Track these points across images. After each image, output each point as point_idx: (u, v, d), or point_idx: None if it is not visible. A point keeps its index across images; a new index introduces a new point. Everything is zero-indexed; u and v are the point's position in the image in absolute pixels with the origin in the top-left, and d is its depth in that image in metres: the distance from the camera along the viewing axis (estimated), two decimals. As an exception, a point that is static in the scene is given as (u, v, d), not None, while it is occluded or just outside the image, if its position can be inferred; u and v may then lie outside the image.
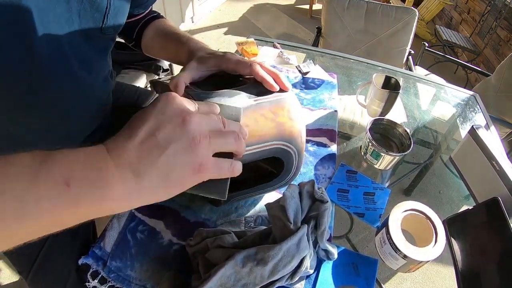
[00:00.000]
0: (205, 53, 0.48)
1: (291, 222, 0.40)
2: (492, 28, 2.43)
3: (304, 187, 0.43)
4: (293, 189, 0.42)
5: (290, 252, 0.38)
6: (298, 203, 0.42)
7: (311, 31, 3.04)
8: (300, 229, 0.40)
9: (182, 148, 0.25)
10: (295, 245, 0.39)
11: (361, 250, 0.52)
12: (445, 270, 0.51)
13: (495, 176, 0.56)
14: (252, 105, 0.41)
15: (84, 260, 0.46)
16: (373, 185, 0.60)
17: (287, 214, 0.40)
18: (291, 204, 0.41)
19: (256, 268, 0.37)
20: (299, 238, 0.39)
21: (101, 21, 0.47)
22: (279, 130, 0.41)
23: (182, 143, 0.25)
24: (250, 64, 0.44)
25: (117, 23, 0.50)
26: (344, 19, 1.53)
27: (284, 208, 0.40)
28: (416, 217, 0.50)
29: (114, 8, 0.48)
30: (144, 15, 0.63)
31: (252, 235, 0.43)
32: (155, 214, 0.52)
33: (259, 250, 0.38)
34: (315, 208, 0.43)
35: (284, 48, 1.00)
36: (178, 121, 0.26)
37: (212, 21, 3.07)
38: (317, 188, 0.43)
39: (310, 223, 0.43)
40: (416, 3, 3.39)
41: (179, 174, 0.26)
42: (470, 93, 0.95)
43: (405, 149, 0.61)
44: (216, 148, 0.28)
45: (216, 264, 0.39)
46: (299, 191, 0.43)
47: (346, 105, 0.84)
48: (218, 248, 0.40)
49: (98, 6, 0.44)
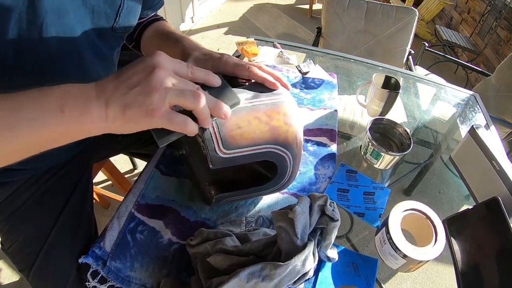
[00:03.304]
0: (201, 53, 0.48)
1: (298, 238, 0.39)
2: (492, 28, 2.42)
3: (316, 201, 0.42)
4: (304, 203, 0.41)
5: (295, 269, 0.38)
6: (307, 218, 0.41)
7: (311, 31, 3.04)
8: (307, 246, 0.39)
9: (142, 91, 0.30)
10: (301, 262, 0.38)
11: (361, 250, 0.52)
12: (445, 270, 0.51)
13: (495, 176, 0.56)
14: (247, 106, 0.41)
15: (84, 259, 0.46)
16: (373, 185, 0.60)
17: (295, 230, 0.39)
18: (300, 220, 0.39)
19: (261, 283, 0.36)
20: (306, 256, 0.39)
21: (113, 19, 0.47)
22: (272, 134, 0.41)
23: (143, 87, 0.30)
24: (248, 66, 0.44)
25: (128, 24, 0.51)
26: (344, 19, 1.53)
27: (293, 223, 0.39)
28: (416, 217, 0.50)
29: (127, 7, 0.48)
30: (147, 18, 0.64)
31: (256, 242, 0.41)
32: (155, 214, 0.52)
33: (265, 266, 0.37)
34: (323, 222, 0.42)
35: (284, 48, 1.00)
36: (149, 70, 0.31)
37: (212, 21, 3.07)
38: (329, 204, 0.42)
39: (316, 235, 0.42)
40: (416, 3, 3.39)
41: (133, 112, 0.30)
42: (470, 93, 0.95)
43: (405, 149, 0.61)
44: (172, 100, 0.31)
45: (218, 269, 0.39)
46: (310, 204, 0.42)
47: (346, 105, 0.84)
48: (219, 253, 0.40)
49: (112, 3, 0.45)
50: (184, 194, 0.55)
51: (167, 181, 0.57)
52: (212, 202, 0.46)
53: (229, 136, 0.38)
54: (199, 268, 0.41)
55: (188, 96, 0.31)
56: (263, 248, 0.41)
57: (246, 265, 0.38)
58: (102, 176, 1.40)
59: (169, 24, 0.64)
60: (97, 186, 1.41)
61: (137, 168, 1.52)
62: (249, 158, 0.40)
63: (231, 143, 0.38)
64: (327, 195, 0.43)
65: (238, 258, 0.39)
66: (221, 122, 0.38)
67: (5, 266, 1.14)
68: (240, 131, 0.39)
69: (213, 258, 0.39)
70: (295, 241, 0.39)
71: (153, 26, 0.63)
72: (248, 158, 0.40)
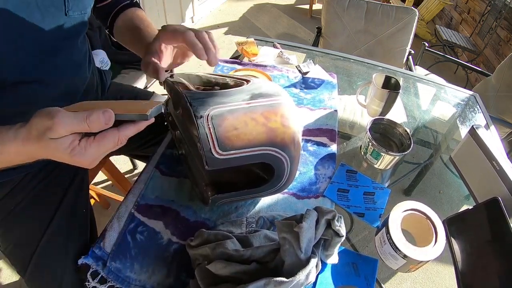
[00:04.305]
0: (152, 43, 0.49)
1: (302, 252, 0.38)
2: (492, 28, 2.42)
3: (324, 216, 0.41)
4: (311, 218, 0.40)
5: (299, 283, 0.38)
6: (313, 233, 0.40)
7: (311, 31, 3.04)
8: (310, 261, 0.39)
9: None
10: (305, 277, 0.38)
11: (361, 250, 0.52)
12: (445, 270, 0.51)
13: (495, 176, 0.56)
14: (244, 107, 0.40)
15: (84, 260, 0.45)
16: (373, 185, 0.60)
17: (300, 244, 0.38)
18: (306, 235, 0.39)
19: None
20: (309, 270, 0.39)
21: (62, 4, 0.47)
22: (269, 136, 0.40)
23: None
24: (184, 31, 0.45)
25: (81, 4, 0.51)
26: (344, 19, 1.53)
27: (298, 237, 0.38)
28: (416, 217, 0.50)
29: None
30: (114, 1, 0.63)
31: (258, 249, 0.41)
32: (155, 215, 0.52)
33: (268, 282, 0.36)
34: (328, 235, 0.42)
35: (284, 48, 1.00)
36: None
37: (212, 21, 3.07)
38: (336, 219, 0.42)
39: (320, 245, 0.42)
40: (416, 3, 3.39)
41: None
42: (470, 93, 0.95)
43: (405, 149, 0.61)
44: None
45: (219, 277, 0.38)
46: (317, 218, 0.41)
47: (346, 105, 0.84)
48: (220, 261, 0.39)
49: None
50: (184, 194, 0.55)
51: (167, 181, 0.57)
52: (208, 202, 0.46)
53: (225, 137, 0.38)
54: (199, 275, 0.40)
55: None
56: (265, 255, 0.41)
57: (248, 274, 0.38)
58: (102, 176, 1.39)
59: (138, 12, 0.64)
60: (97, 186, 1.41)
61: (137, 168, 1.52)
62: (245, 160, 0.40)
63: (227, 144, 0.38)
64: (335, 211, 0.42)
65: (239, 266, 0.39)
66: (218, 123, 0.38)
67: (5, 266, 1.14)
68: (236, 132, 0.39)
69: (213, 266, 0.39)
70: (299, 254, 0.38)
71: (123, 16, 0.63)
72: (244, 160, 0.40)
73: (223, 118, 0.39)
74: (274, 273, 0.40)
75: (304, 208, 0.55)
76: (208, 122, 0.38)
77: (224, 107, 0.40)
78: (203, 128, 0.38)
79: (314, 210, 0.41)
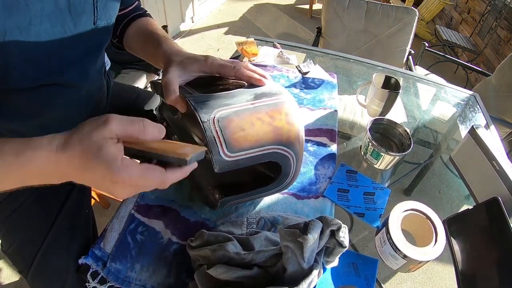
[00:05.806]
0: (184, 57, 0.47)
1: (305, 261, 0.38)
2: (492, 28, 2.42)
3: (329, 227, 0.41)
4: (316, 229, 0.39)
5: None
6: (317, 243, 0.40)
7: (311, 31, 3.04)
8: (313, 271, 0.39)
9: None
10: (307, 285, 0.38)
11: (361, 250, 0.52)
12: (445, 270, 0.51)
13: (495, 176, 0.56)
14: (249, 108, 0.40)
15: (84, 260, 0.46)
16: (373, 185, 0.60)
17: (303, 254, 0.38)
18: (310, 246, 0.39)
19: None
20: (311, 279, 0.39)
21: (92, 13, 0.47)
22: (276, 135, 0.41)
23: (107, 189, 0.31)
24: (234, 66, 0.45)
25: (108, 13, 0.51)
26: (344, 19, 1.53)
27: (302, 247, 0.38)
28: (416, 217, 0.50)
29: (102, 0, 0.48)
30: (129, 11, 0.63)
31: (260, 254, 0.40)
32: (155, 215, 0.52)
33: None
34: (331, 243, 0.42)
35: (284, 48, 1.00)
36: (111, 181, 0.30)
37: (212, 21, 3.07)
38: (341, 231, 0.41)
39: (322, 253, 0.42)
40: (416, 3, 3.39)
41: None
42: (470, 93, 0.95)
43: (405, 149, 0.61)
44: None
45: (220, 281, 0.38)
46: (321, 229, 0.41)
47: (346, 105, 0.84)
48: (221, 265, 0.39)
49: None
50: (183, 194, 0.55)
51: (167, 181, 0.57)
52: (217, 206, 0.46)
53: (233, 139, 0.38)
54: (199, 279, 0.40)
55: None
56: (266, 260, 0.41)
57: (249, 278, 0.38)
58: (102, 176, 1.39)
59: (152, 21, 0.63)
60: (97, 186, 1.41)
61: (137, 168, 1.51)
62: (253, 160, 0.40)
63: (235, 146, 0.38)
64: (340, 222, 0.41)
65: (241, 271, 0.39)
66: (224, 125, 0.38)
67: (5, 266, 1.14)
68: (243, 133, 0.39)
69: (214, 270, 0.39)
70: (301, 263, 0.38)
71: (136, 23, 0.62)
72: (252, 160, 0.40)
73: (229, 120, 0.39)
74: (275, 278, 0.40)
75: (304, 208, 0.55)
76: (214, 125, 0.38)
77: (229, 109, 0.40)
78: (210, 131, 0.37)
79: (319, 220, 0.41)
